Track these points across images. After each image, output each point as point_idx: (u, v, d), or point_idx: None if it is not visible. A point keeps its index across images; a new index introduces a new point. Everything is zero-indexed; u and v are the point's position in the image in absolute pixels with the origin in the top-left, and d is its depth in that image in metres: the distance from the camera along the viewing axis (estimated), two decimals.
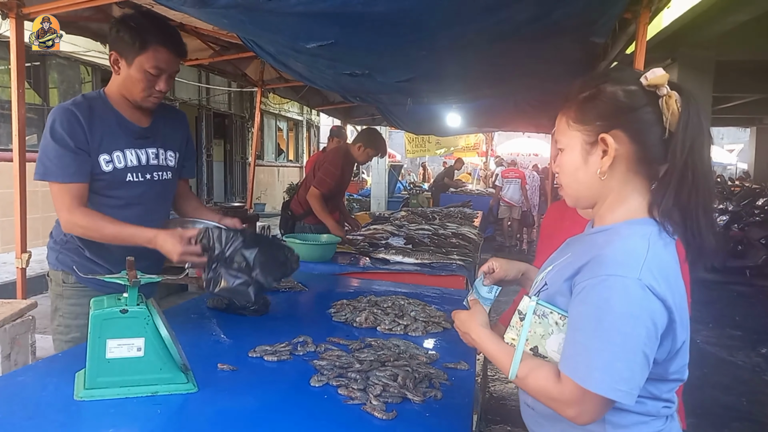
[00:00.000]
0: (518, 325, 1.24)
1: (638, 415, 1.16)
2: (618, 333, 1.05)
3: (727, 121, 17.06)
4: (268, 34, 2.82)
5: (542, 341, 1.19)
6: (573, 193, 1.28)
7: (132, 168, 2.17)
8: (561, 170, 1.28)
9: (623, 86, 1.17)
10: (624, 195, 1.20)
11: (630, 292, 1.05)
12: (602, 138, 1.17)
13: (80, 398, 1.49)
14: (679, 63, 7.88)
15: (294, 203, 5.07)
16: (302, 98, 7.76)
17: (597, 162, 1.19)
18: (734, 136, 26.65)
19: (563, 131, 1.25)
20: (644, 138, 1.15)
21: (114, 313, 1.51)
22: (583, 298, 1.10)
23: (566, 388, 1.09)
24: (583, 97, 1.22)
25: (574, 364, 1.09)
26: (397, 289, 3.01)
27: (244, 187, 15.31)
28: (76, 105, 2.08)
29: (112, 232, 2.05)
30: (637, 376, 1.06)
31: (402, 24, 2.46)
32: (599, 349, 1.06)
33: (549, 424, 1.27)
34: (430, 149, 16.87)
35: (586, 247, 1.20)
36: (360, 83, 4.17)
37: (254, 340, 2.02)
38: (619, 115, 1.16)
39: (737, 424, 4.02)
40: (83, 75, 9.74)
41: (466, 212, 7.21)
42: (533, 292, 1.29)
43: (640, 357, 1.05)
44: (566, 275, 1.18)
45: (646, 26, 3.01)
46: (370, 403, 1.54)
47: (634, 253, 1.09)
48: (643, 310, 1.05)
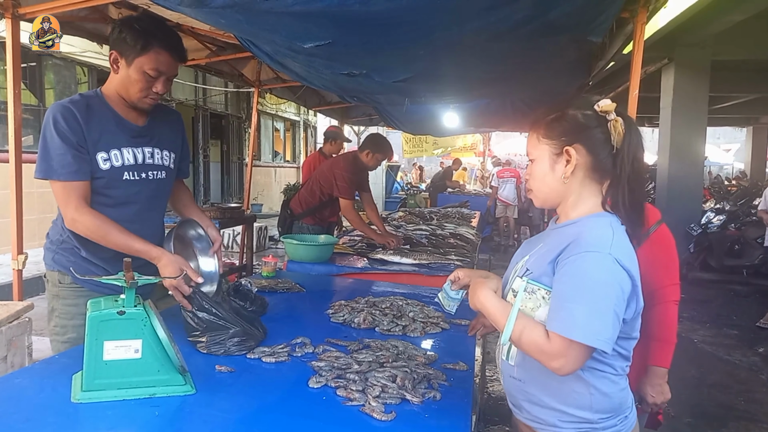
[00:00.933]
0: (512, 301, 1.49)
1: (613, 376, 1.48)
2: (594, 295, 1.34)
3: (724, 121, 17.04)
4: (265, 33, 2.81)
5: (532, 314, 1.45)
6: (542, 196, 1.58)
7: (129, 167, 2.17)
8: (532, 177, 1.59)
9: (582, 111, 1.51)
10: (583, 196, 1.52)
11: (603, 263, 1.35)
12: (566, 150, 1.48)
13: (77, 400, 1.48)
14: (676, 63, 7.89)
15: (294, 202, 5.06)
16: (299, 98, 7.74)
17: (561, 169, 1.51)
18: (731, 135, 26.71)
19: (534, 145, 1.56)
20: (597, 151, 1.48)
21: (111, 315, 1.51)
22: (566, 271, 1.38)
23: (554, 342, 1.35)
24: (550, 119, 1.53)
25: (560, 321, 1.36)
26: (395, 289, 3.01)
27: (241, 188, 15.27)
28: (74, 103, 2.07)
29: (117, 240, 2.04)
30: (610, 329, 1.33)
31: (399, 24, 2.46)
32: (580, 307, 1.33)
33: (537, 392, 1.52)
34: (427, 149, 16.86)
35: (561, 237, 1.48)
36: (357, 83, 4.16)
37: None
38: (578, 132, 1.48)
39: (734, 424, 4.02)
40: (79, 75, 9.71)
41: (463, 212, 7.21)
42: (519, 274, 1.54)
43: (612, 314, 1.33)
44: (549, 259, 1.45)
45: (644, 25, 3.01)
46: (368, 404, 1.54)
47: (604, 236, 1.40)
48: (613, 277, 1.35)
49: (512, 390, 1.61)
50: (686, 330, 6.21)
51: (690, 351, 5.59)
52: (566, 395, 1.48)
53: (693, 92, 7.93)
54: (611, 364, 1.47)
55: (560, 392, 1.48)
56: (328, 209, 4.99)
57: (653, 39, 6.90)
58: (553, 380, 1.47)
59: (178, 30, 4.31)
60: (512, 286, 1.53)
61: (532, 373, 1.52)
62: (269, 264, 3.22)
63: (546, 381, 1.49)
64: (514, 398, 1.62)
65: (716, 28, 7.07)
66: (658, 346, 2.12)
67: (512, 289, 1.53)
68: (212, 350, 1.87)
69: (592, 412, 1.47)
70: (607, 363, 1.47)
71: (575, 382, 1.46)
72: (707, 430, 3.91)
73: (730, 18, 6.57)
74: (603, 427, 1.48)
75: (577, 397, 1.47)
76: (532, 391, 1.53)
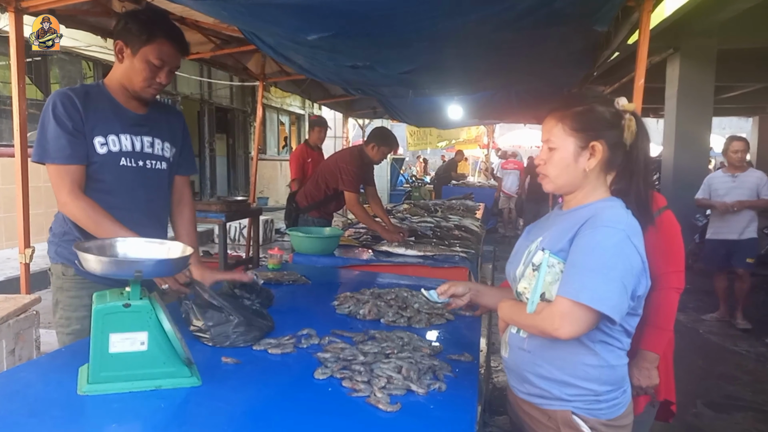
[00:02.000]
0: (531, 275, 1.58)
1: (618, 350, 1.57)
2: (604, 263, 1.43)
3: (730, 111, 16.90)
4: (268, 26, 2.80)
5: (550, 287, 1.52)
6: (559, 182, 1.63)
7: (126, 153, 2.19)
8: (551, 164, 1.62)
9: (609, 108, 1.58)
10: (596, 185, 1.61)
11: (616, 236, 1.45)
12: (593, 145, 1.56)
13: (83, 393, 1.48)
14: (682, 53, 7.82)
15: (300, 195, 5.05)
16: (304, 92, 7.71)
17: (584, 162, 1.58)
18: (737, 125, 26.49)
19: (558, 134, 1.60)
20: (614, 148, 1.57)
21: (117, 308, 1.50)
22: (580, 242, 1.48)
23: (558, 304, 1.45)
24: (578, 111, 1.58)
25: (567, 285, 1.45)
26: (400, 281, 3.00)
27: (247, 182, 15.25)
28: (73, 90, 2.14)
29: (108, 229, 2.02)
30: (616, 297, 1.42)
31: (403, 14, 2.45)
32: (589, 273, 1.43)
33: (546, 364, 1.58)
34: (431, 142, 16.81)
35: (576, 218, 1.56)
36: (361, 75, 4.16)
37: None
38: (605, 129, 1.56)
39: (741, 414, 4.01)
40: (85, 70, 9.72)
41: (468, 204, 7.20)
42: (532, 257, 1.61)
43: (619, 283, 1.42)
44: (568, 237, 1.53)
45: (650, 14, 2.98)
46: (374, 396, 1.53)
47: (619, 215, 1.51)
48: (623, 251, 1.44)
49: (519, 363, 1.66)
50: (692, 321, 6.19)
51: (696, 341, 5.57)
52: (576, 367, 1.54)
53: (698, 82, 7.86)
54: (618, 338, 1.56)
55: (570, 364, 1.54)
56: (333, 203, 4.99)
57: (659, 29, 6.84)
58: (563, 353, 1.54)
59: (182, 23, 4.33)
60: (533, 260, 1.59)
61: (543, 344, 1.58)
62: (275, 256, 3.22)
63: (556, 353, 1.56)
64: (519, 372, 1.67)
65: (722, 17, 6.99)
66: (653, 332, 2.06)
67: (532, 263, 1.59)
68: (216, 342, 1.87)
69: (600, 384, 1.54)
70: (614, 337, 1.55)
71: (586, 354, 1.53)
72: (714, 420, 3.91)
73: (736, 6, 6.50)
74: (606, 399, 1.55)
75: (588, 370, 1.53)
76: (541, 363, 1.59)
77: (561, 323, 1.43)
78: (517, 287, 1.64)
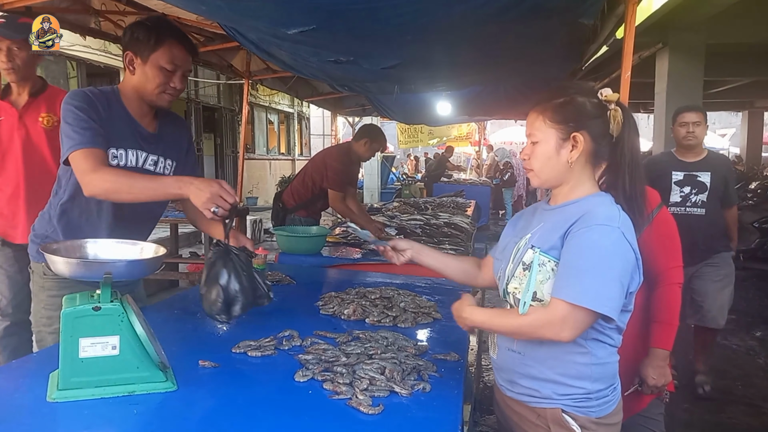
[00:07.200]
0: (522, 274, 1.55)
1: (610, 347, 1.55)
2: (603, 265, 1.42)
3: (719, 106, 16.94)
4: (247, 20, 2.75)
5: (541, 286, 1.50)
6: (543, 176, 1.60)
7: (130, 169, 2.14)
8: (534, 157, 1.60)
9: (589, 98, 1.55)
10: (582, 179, 1.58)
11: (612, 235, 1.43)
12: (574, 136, 1.53)
13: (53, 400, 1.43)
14: (670, 47, 7.80)
15: (286, 195, 4.99)
16: (291, 89, 7.63)
17: (567, 154, 1.55)
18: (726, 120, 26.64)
19: (539, 127, 1.57)
20: (599, 139, 1.54)
21: (86, 311, 1.45)
22: (575, 242, 1.45)
23: (557, 309, 1.42)
24: (558, 102, 1.56)
25: (566, 287, 1.42)
26: (387, 280, 2.96)
27: (236, 181, 15.19)
28: (94, 94, 2.08)
29: (143, 184, 1.95)
30: (616, 298, 1.41)
31: (385, 7, 2.40)
32: (589, 276, 1.41)
33: (537, 364, 1.55)
34: (422, 140, 16.78)
35: (566, 214, 1.53)
36: (345, 70, 4.11)
37: (238, 334, 1.97)
38: (586, 119, 1.53)
39: (732, 408, 4.00)
40: (69, 70, 9.60)
41: (458, 202, 7.17)
42: (522, 255, 1.57)
43: (617, 283, 1.42)
44: (558, 234, 1.50)
45: (635, 6, 2.93)
46: (355, 398, 1.49)
47: (612, 212, 1.49)
48: (620, 249, 1.43)
49: (509, 363, 1.63)
50: (683, 315, 6.17)
51: (687, 336, 5.55)
52: (567, 366, 1.52)
53: (688, 77, 7.84)
54: (610, 335, 1.53)
55: (562, 363, 1.52)
56: (321, 202, 4.92)
57: (647, 23, 6.81)
58: (555, 352, 1.52)
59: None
60: (523, 259, 1.56)
61: (533, 344, 1.55)
62: (259, 256, 3.14)
63: (547, 353, 1.53)
64: (508, 372, 1.64)
65: (711, 11, 6.99)
66: (661, 328, 2.14)
67: (522, 262, 1.56)
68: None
69: (591, 381, 1.52)
70: (606, 334, 1.53)
71: (577, 353, 1.51)
72: (705, 414, 3.89)
73: (724, 0, 6.50)
74: (597, 397, 1.54)
75: (579, 368, 1.52)
76: (531, 363, 1.56)
77: (562, 327, 1.42)
78: (507, 287, 1.61)
